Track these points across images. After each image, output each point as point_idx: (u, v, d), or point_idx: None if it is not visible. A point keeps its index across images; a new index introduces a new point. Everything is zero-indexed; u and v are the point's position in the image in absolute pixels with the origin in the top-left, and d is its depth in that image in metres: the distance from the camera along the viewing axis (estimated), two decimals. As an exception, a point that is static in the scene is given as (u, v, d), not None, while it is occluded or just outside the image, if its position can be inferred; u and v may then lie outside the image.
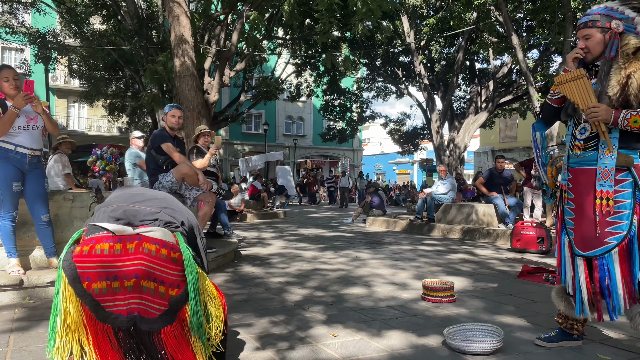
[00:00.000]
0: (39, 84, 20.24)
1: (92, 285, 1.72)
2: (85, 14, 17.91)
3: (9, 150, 3.83)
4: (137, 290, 1.72)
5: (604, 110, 2.48)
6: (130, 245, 1.78)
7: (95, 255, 1.75)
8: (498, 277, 5.02)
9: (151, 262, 1.76)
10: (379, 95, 26.16)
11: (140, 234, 1.83)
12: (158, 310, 1.75)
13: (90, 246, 1.77)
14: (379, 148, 53.32)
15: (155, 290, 1.74)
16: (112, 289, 1.72)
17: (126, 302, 1.73)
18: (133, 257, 1.76)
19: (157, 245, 1.80)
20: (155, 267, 1.76)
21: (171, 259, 1.79)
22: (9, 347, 2.66)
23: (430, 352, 2.68)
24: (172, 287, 1.77)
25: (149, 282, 1.74)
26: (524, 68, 13.34)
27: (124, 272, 1.73)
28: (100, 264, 1.73)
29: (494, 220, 9.13)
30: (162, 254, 1.78)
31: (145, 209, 1.96)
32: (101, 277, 1.72)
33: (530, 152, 25.79)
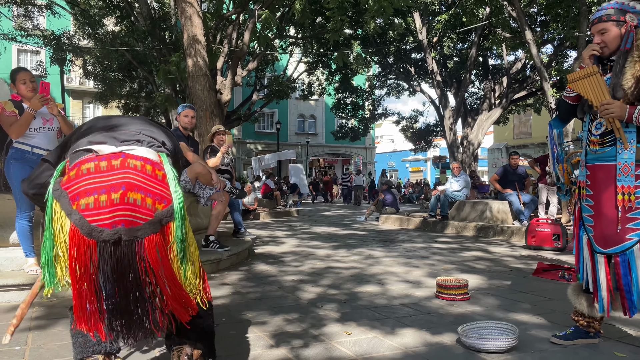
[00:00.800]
0: (55, 85, 20.49)
1: (80, 201, 1.71)
2: (99, 16, 18.10)
3: (26, 151, 3.90)
4: (124, 201, 1.70)
5: (617, 106, 2.46)
6: (115, 161, 1.79)
7: (82, 174, 1.75)
8: (513, 275, 4.98)
9: (137, 175, 1.77)
10: (391, 93, 26.06)
11: (123, 151, 1.83)
12: (143, 219, 1.72)
13: (76, 170, 1.78)
14: (392, 145, 53.14)
15: (142, 200, 1.73)
16: (99, 202, 1.70)
17: (111, 214, 1.69)
18: (119, 171, 1.76)
19: (142, 161, 1.81)
20: (141, 180, 1.76)
21: (156, 175, 1.80)
22: (28, 345, 2.71)
23: (444, 350, 2.68)
24: (159, 201, 1.76)
25: (136, 193, 1.73)
26: (538, 63, 13.19)
27: (112, 185, 1.72)
28: (87, 181, 1.73)
29: (509, 217, 9.06)
30: (147, 169, 1.79)
31: (124, 131, 1.96)
32: (88, 193, 1.71)
33: (545, 148, 25.52)
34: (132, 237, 1.70)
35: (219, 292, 4.06)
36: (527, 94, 20.20)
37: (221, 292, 4.07)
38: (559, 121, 2.97)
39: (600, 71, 2.57)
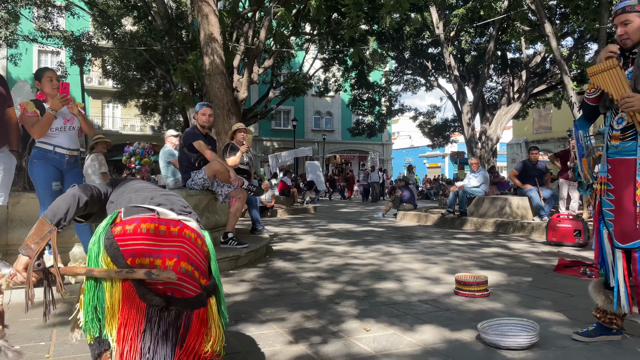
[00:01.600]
0: (75, 85, 20.80)
1: (136, 260, 1.73)
2: (117, 16, 18.32)
3: (48, 150, 3.97)
4: (176, 270, 1.73)
5: (638, 99, 2.42)
6: (174, 229, 1.82)
7: (140, 233, 1.77)
8: (533, 271, 4.92)
9: (191, 247, 1.82)
10: (407, 88, 25.91)
11: (181, 220, 1.88)
12: (193, 291, 1.76)
13: (134, 225, 1.79)
14: (409, 142, 52.86)
15: (192, 273, 1.77)
16: (153, 266, 1.73)
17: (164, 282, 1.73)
18: (176, 239, 1.80)
19: (195, 234, 1.87)
20: (193, 253, 1.81)
21: (203, 251, 1.87)
22: (52, 341, 2.76)
23: (464, 346, 2.66)
24: (202, 276, 1.81)
25: (187, 264, 1.77)
26: (558, 56, 12.99)
27: (167, 252, 1.76)
28: (145, 242, 1.76)
29: (529, 213, 8.95)
30: (198, 243, 1.86)
31: (178, 200, 2.03)
32: (144, 254, 1.74)
33: (565, 143, 25.14)
34: (182, 308, 1.73)
35: (238, 289, 4.09)
36: (546, 88, 19.90)
37: (240, 289, 4.10)
38: (584, 121, 2.93)
39: (620, 64, 2.52)
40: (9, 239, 4.15)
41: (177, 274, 1.72)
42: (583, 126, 2.94)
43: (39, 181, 3.94)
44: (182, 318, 1.73)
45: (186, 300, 1.74)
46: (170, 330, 1.73)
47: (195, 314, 1.75)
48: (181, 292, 1.74)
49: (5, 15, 16.96)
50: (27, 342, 2.73)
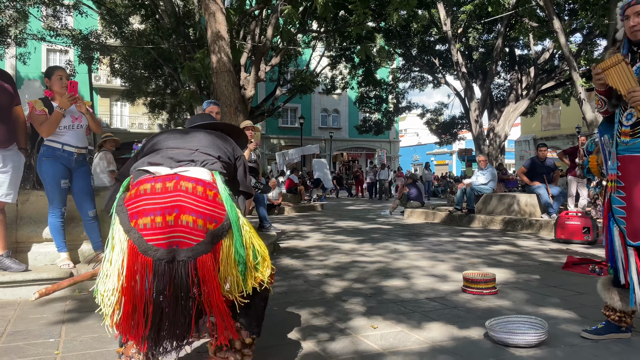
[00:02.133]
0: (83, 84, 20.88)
1: (139, 221, 1.86)
2: (124, 15, 18.38)
3: (57, 149, 3.99)
4: (177, 223, 1.84)
5: None
6: (169, 184, 1.90)
7: (140, 195, 1.90)
8: (542, 269, 4.90)
9: (188, 197, 1.88)
10: (415, 86, 25.81)
11: (177, 173, 1.95)
12: (195, 241, 1.85)
13: (136, 189, 1.93)
14: (416, 139, 52.69)
15: (193, 222, 1.85)
16: (155, 223, 1.84)
17: (166, 235, 1.84)
18: (172, 194, 1.88)
19: (193, 183, 1.91)
20: (192, 203, 1.87)
21: (207, 196, 1.90)
22: (62, 338, 2.78)
23: (472, 344, 2.65)
24: (209, 221, 1.88)
25: (188, 215, 1.85)
26: (566, 53, 12.88)
27: (166, 208, 1.85)
28: (144, 202, 1.87)
29: (537, 210, 8.90)
30: (198, 191, 1.90)
31: (181, 151, 2.09)
32: (146, 214, 1.85)
33: (574, 139, 24.96)
34: (185, 257, 1.84)
35: (246, 286, 4.10)
36: (555, 85, 19.75)
37: (247, 286, 4.11)
38: (607, 125, 2.90)
39: (626, 60, 2.50)
40: (19, 237, 4.19)
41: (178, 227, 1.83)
42: (607, 130, 2.90)
43: (47, 179, 3.97)
44: (188, 266, 1.83)
45: (187, 249, 1.84)
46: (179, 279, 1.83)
47: (199, 261, 1.84)
48: (184, 244, 1.84)
49: (14, 14, 17.07)
50: (36, 339, 2.75)
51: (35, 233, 4.22)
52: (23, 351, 2.55)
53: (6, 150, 3.90)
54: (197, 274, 1.85)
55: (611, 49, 2.75)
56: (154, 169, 1.98)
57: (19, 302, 3.62)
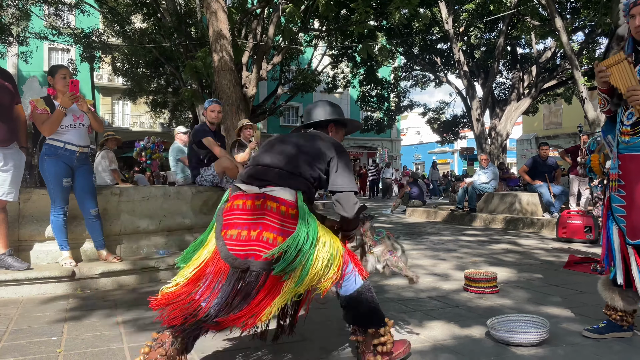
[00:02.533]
0: (85, 82, 20.90)
1: (227, 232, 2.11)
2: (126, 13, 18.38)
3: (59, 147, 4.00)
4: (259, 239, 2.06)
5: None
6: (257, 202, 2.13)
7: (232, 209, 2.16)
8: (543, 268, 4.90)
9: (272, 216, 2.10)
10: (416, 84, 25.77)
11: (264, 192, 2.15)
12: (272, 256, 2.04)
13: (231, 203, 2.20)
14: (418, 138, 52.62)
15: (273, 239, 2.06)
16: (240, 236, 2.08)
17: (246, 248, 2.07)
18: (258, 212, 2.11)
19: (278, 202, 2.12)
20: (274, 221, 2.09)
21: (289, 215, 2.11)
22: (63, 336, 2.79)
23: (473, 343, 2.66)
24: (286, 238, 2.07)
25: (269, 233, 2.07)
26: (568, 51, 12.86)
27: (252, 224, 2.09)
28: (236, 216, 2.13)
29: (538, 209, 8.89)
30: (281, 211, 2.10)
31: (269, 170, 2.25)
32: (235, 227, 2.11)
33: (575, 138, 24.91)
34: (260, 269, 2.06)
35: (247, 285, 4.11)
36: (557, 83, 19.72)
37: (249, 285, 4.11)
38: (609, 125, 2.89)
39: (630, 59, 2.49)
40: (21, 235, 4.20)
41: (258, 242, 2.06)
42: (610, 130, 2.90)
43: (50, 178, 3.98)
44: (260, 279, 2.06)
45: (265, 263, 2.05)
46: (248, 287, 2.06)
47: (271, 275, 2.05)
48: (259, 257, 2.05)
49: (17, 12, 17.09)
50: (38, 337, 2.76)
51: (38, 232, 4.23)
52: (25, 349, 2.56)
53: (7, 148, 3.91)
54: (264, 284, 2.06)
55: (616, 48, 2.74)
56: (245, 187, 2.20)
57: (21, 300, 3.63)
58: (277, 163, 2.26)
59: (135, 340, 2.70)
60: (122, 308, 3.38)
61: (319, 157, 2.30)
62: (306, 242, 2.08)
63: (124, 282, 4.12)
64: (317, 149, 2.32)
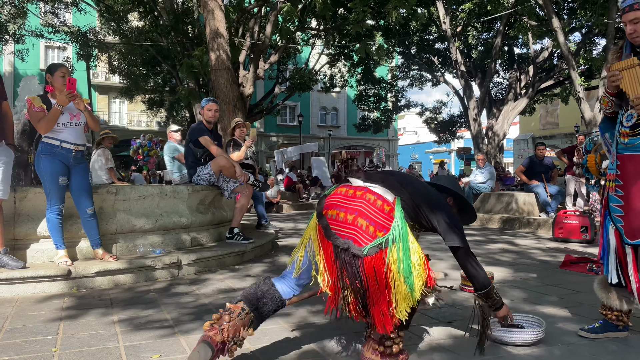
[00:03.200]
0: (81, 81, 20.88)
1: (328, 211, 2.29)
2: (123, 12, 18.34)
3: (55, 146, 3.99)
4: (354, 223, 2.20)
5: None
6: (359, 192, 2.31)
7: (336, 194, 2.36)
8: (539, 267, 4.91)
9: (368, 206, 2.24)
10: (414, 84, 25.79)
11: (367, 186, 2.33)
12: (365, 242, 2.16)
13: (335, 189, 2.40)
14: (415, 137, 52.72)
15: (366, 227, 2.19)
16: (339, 217, 2.24)
17: (345, 230, 2.21)
18: (358, 200, 2.27)
19: (376, 196, 2.27)
20: (370, 211, 2.23)
21: (383, 209, 2.23)
22: (59, 335, 2.78)
23: (469, 342, 2.66)
24: (379, 229, 2.18)
25: (363, 220, 2.20)
26: (565, 52, 12.89)
27: (350, 208, 2.25)
28: (338, 199, 2.32)
29: (535, 209, 8.91)
30: (377, 204, 2.25)
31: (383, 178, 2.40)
32: (334, 207, 2.29)
33: (572, 138, 24.99)
34: (356, 253, 2.16)
35: (244, 284, 4.11)
36: (554, 84, 19.77)
37: (245, 284, 4.11)
38: (607, 122, 2.90)
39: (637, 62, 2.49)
40: (16, 234, 4.18)
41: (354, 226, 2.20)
42: (607, 128, 2.90)
43: (46, 176, 3.97)
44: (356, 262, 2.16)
45: (358, 247, 2.16)
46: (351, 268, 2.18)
47: (365, 260, 2.14)
48: (357, 241, 2.17)
49: (13, 10, 17.03)
50: (34, 336, 2.75)
51: (33, 230, 4.21)
52: (21, 348, 2.55)
53: None
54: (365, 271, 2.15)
55: (614, 48, 2.73)
56: (353, 180, 2.41)
57: (17, 299, 3.62)
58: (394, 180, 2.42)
59: (131, 339, 2.69)
60: (118, 307, 3.38)
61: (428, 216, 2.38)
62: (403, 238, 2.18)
63: (120, 281, 4.11)
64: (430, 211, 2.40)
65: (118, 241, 4.59)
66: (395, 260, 2.14)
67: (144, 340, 2.68)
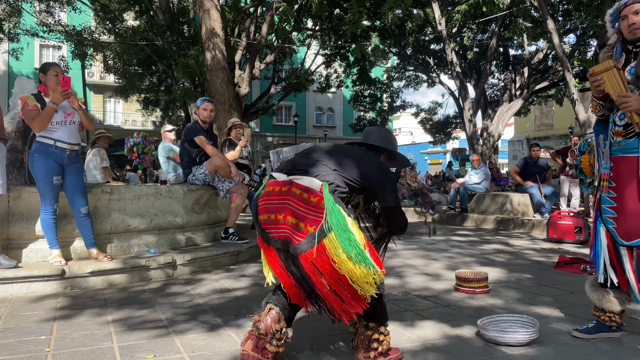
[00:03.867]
0: (76, 80, 20.77)
1: (261, 216, 2.28)
2: (118, 11, 18.29)
3: (49, 145, 3.97)
4: (285, 223, 2.18)
5: (634, 99, 2.44)
6: (284, 188, 2.25)
7: (265, 195, 2.31)
8: (533, 268, 4.92)
9: (295, 202, 2.19)
10: (409, 85, 25.83)
11: (292, 180, 2.26)
12: (297, 240, 2.15)
13: (264, 190, 2.34)
14: (410, 138, 52.76)
15: (296, 224, 2.16)
16: (270, 220, 2.23)
17: (279, 231, 2.20)
18: (284, 197, 2.22)
19: (301, 190, 2.20)
20: (297, 207, 2.18)
21: (311, 202, 2.17)
22: (53, 335, 2.77)
23: (464, 342, 2.66)
24: (310, 224, 2.13)
25: (292, 218, 2.17)
26: (560, 53, 12.95)
27: (278, 208, 2.22)
28: (266, 201, 2.29)
29: (529, 210, 8.95)
30: (304, 198, 2.18)
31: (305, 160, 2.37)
32: (266, 211, 2.26)
33: (567, 140, 25.09)
34: (292, 251, 2.16)
35: (239, 284, 4.10)
36: (548, 85, 19.85)
37: (241, 284, 4.11)
38: (602, 125, 2.91)
39: (618, 65, 2.55)
40: (10, 233, 4.16)
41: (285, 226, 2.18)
42: (602, 130, 2.92)
43: (40, 175, 3.95)
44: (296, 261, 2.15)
45: (294, 246, 2.15)
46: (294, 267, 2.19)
47: (301, 257, 2.13)
48: (294, 240, 2.16)
49: (8, 9, 16.94)
50: (27, 336, 2.74)
51: (27, 230, 4.19)
52: (14, 348, 2.54)
53: None
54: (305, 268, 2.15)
55: (606, 48, 2.76)
56: (276, 175, 2.35)
57: (10, 298, 3.60)
58: (316, 156, 2.38)
59: (125, 339, 2.68)
60: (112, 307, 3.37)
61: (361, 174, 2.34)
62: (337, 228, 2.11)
63: (114, 281, 4.10)
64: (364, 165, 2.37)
65: (112, 241, 4.58)
66: (336, 246, 2.07)
67: (138, 340, 2.67)
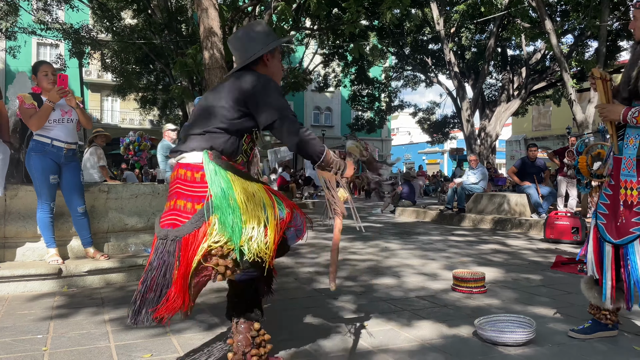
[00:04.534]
0: (74, 78, 20.74)
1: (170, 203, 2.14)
2: (116, 9, 18.23)
3: (46, 144, 3.96)
4: (176, 207, 2.08)
5: (609, 110, 2.58)
6: (174, 172, 2.16)
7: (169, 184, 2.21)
8: (531, 268, 4.93)
9: (182, 183, 2.10)
10: (407, 84, 25.82)
11: (178, 161, 2.16)
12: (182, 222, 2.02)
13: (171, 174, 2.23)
14: (408, 138, 52.79)
15: (184, 206, 2.06)
16: (168, 207, 2.12)
17: (168, 218, 2.08)
18: (175, 181, 2.14)
19: (185, 169, 2.10)
20: (184, 187, 2.09)
21: (194, 179, 2.07)
22: (49, 334, 2.76)
23: (461, 342, 2.67)
24: (197, 202, 2.03)
25: (181, 200, 2.07)
26: (558, 54, 12.97)
27: (172, 194, 2.14)
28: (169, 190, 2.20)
29: (527, 210, 8.96)
30: (188, 176, 2.09)
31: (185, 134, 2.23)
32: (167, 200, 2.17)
33: (564, 140, 25.13)
34: (173, 237, 2.01)
35: (236, 283, 4.10)
36: (546, 85, 19.87)
37: (238, 283, 4.10)
38: None
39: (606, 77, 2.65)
40: (6, 232, 4.15)
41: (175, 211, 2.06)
42: None
43: (36, 174, 3.94)
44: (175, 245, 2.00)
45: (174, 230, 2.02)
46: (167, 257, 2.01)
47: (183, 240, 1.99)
48: (175, 225, 2.04)
49: (5, 6, 16.89)
50: (24, 335, 2.73)
51: (24, 228, 4.18)
52: (11, 347, 2.53)
53: None
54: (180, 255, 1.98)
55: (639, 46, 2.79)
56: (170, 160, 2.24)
57: (7, 297, 3.59)
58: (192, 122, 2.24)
59: (122, 338, 2.68)
60: (109, 306, 3.36)
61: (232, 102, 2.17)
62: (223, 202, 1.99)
63: (111, 280, 4.09)
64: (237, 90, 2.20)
65: (110, 240, 4.57)
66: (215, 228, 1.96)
67: (135, 339, 2.67)
